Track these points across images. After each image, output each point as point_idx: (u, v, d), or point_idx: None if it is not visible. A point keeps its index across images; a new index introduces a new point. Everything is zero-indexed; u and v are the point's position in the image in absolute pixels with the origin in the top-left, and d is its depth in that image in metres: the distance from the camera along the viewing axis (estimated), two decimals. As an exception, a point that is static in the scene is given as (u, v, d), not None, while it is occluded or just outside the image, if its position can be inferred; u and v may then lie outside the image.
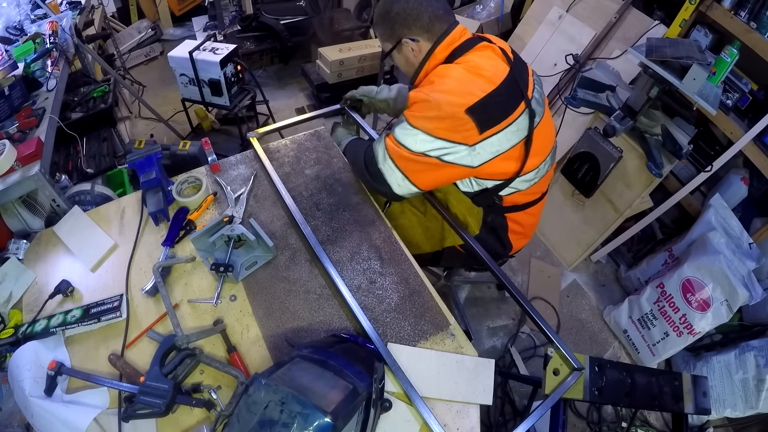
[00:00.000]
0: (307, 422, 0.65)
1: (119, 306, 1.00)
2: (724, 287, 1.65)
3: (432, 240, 1.35)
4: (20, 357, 0.92)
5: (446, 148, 1.01)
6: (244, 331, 1.01)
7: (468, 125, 0.99)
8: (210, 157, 1.34)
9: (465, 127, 0.99)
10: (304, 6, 3.12)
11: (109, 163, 1.90)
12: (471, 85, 1.01)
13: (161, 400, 0.82)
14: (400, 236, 1.22)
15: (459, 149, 1.01)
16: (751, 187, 1.91)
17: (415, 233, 1.34)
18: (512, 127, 1.04)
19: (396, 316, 1.04)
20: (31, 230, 1.29)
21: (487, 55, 1.08)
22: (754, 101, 1.77)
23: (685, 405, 1.01)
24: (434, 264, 1.49)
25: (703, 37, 1.85)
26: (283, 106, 3.11)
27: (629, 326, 1.97)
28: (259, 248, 1.13)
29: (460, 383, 0.93)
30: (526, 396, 1.68)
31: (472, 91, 1.00)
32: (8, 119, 1.45)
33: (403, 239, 1.21)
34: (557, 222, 2.30)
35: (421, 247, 1.36)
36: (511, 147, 1.07)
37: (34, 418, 0.85)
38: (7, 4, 2.07)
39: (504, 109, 1.03)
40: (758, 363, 1.60)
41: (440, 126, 1.00)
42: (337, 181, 1.33)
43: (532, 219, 1.31)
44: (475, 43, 1.11)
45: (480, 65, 1.04)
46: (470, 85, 1.01)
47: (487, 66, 1.04)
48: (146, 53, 3.53)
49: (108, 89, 2.11)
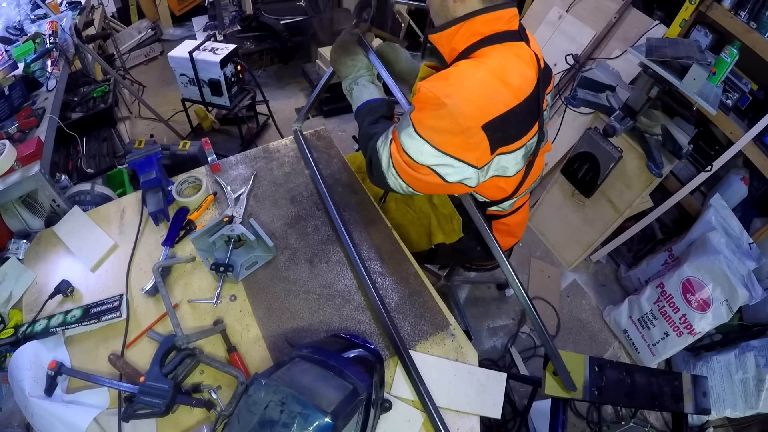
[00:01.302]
0: (307, 422, 0.65)
1: (119, 306, 1.00)
2: (724, 287, 1.65)
3: (425, 237, 1.34)
4: (20, 357, 0.92)
5: (453, 167, 0.88)
6: (244, 331, 1.01)
7: (482, 144, 0.86)
8: (210, 157, 1.34)
9: (479, 146, 0.86)
10: (304, 6, 3.12)
11: (109, 163, 1.90)
12: (494, 97, 0.85)
13: (161, 400, 0.82)
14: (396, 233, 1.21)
15: (466, 170, 0.88)
16: (751, 187, 1.91)
17: (410, 231, 1.34)
18: (522, 150, 0.95)
19: (396, 316, 1.04)
20: (31, 230, 1.29)
21: (521, 56, 0.92)
22: (754, 101, 1.77)
23: (685, 405, 1.01)
24: (430, 262, 1.49)
25: (703, 37, 1.85)
26: (283, 106, 3.12)
27: (629, 326, 1.97)
28: (259, 248, 1.13)
29: (471, 394, 0.93)
30: (526, 396, 1.68)
31: (494, 104, 0.85)
32: (8, 119, 1.45)
33: (399, 236, 1.21)
34: (557, 222, 2.30)
35: (414, 245, 1.34)
36: (515, 174, 0.99)
37: (34, 418, 0.85)
38: (7, 4, 2.07)
39: (519, 129, 0.91)
40: (758, 363, 1.60)
41: (451, 142, 0.86)
42: (337, 181, 1.33)
43: (518, 218, 1.28)
44: (514, 37, 0.93)
45: (508, 70, 0.88)
46: (493, 96, 0.85)
47: (515, 73, 0.88)
48: (146, 53, 3.53)
49: (108, 89, 2.11)
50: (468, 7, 0.91)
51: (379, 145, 0.96)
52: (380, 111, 1.05)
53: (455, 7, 0.92)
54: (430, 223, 1.30)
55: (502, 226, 1.25)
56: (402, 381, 0.94)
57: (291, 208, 1.25)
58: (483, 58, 0.89)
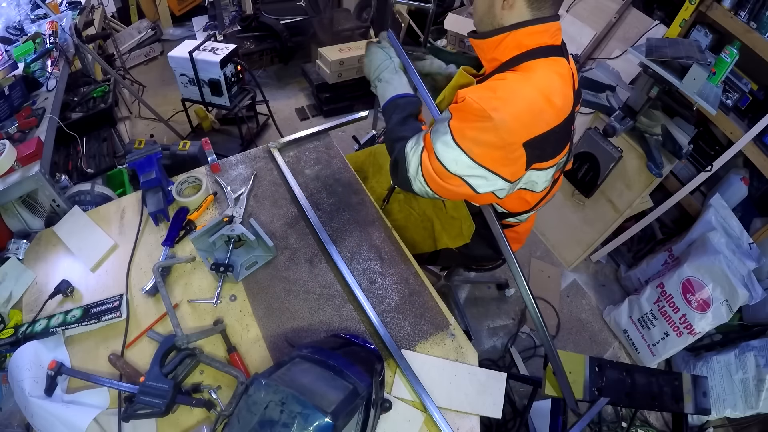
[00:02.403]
0: (307, 422, 0.65)
1: (119, 306, 1.00)
2: (724, 287, 1.65)
3: (428, 240, 1.34)
4: (20, 357, 0.92)
5: (486, 179, 0.86)
6: (244, 331, 1.01)
7: (520, 160, 0.85)
8: (210, 157, 1.34)
9: (516, 162, 0.85)
10: (304, 6, 3.12)
11: (109, 163, 1.90)
12: (539, 116, 0.84)
13: (161, 400, 0.82)
14: (398, 235, 1.21)
15: (498, 183, 0.87)
16: (751, 187, 1.91)
17: (413, 233, 1.34)
18: (553, 168, 0.95)
19: (396, 316, 1.04)
20: (31, 230, 1.29)
21: (563, 75, 0.90)
22: (754, 101, 1.77)
23: (685, 405, 1.01)
24: (432, 263, 1.49)
25: (703, 37, 1.85)
26: (283, 106, 3.11)
27: (629, 326, 1.97)
28: (259, 248, 1.13)
29: (471, 394, 0.93)
30: (526, 396, 1.67)
31: (538, 123, 0.84)
32: (8, 119, 1.45)
33: (401, 238, 1.21)
34: (557, 222, 2.30)
35: (417, 247, 1.34)
36: (542, 189, 0.99)
37: (34, 418, 0.85)
38: (7, 4, 2.07)
39: (555, 148, 0.91)
40: (758, 363, 1.60)
41: (490, 155, 0.84)
42: (337, 181, 1.33)
43: (527, 225, 1.29)
44: (557, 52, 0.92)
45: (553, 89, 0.86)
46: (539, 115, 0.84)
47: (559, 93, 0.87)
48: (146, 53, 3.53)
49: (108, 89, 2.11)
50: (516, 16, 0.89)
51: (409, 151, 0.92)
52: (408, 109, 1.01)
53: (503, 15, 0.90)
54: (434, 227, 1.30)
55: (512, 234, 1.27)
56: (402, 381, 0.94)
57: (291, 208, 1.25)
58: (529, 74, 0.87)
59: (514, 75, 0.88)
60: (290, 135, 1.45)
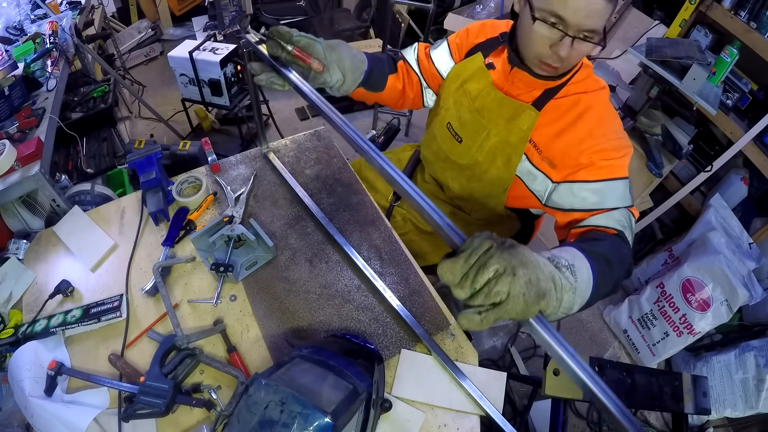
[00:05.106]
0: (307, 422, 0.65)
1: (119, 306, 1.00)
2: (724, 287, 1.65)
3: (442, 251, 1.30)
4: (20, 357, 0.92)
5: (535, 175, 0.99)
6: (244, 331, 1.01)
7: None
8: (210, 157, 1.34)
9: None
10: (304, 6, 3.12)
11: (109, 163, 1.90)
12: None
13: (161, 400, 0.82)
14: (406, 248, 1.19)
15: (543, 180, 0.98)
16: (751, 187, 1.91)
17: (421, 246, 1.31)
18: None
19: (396, 316, 1.04)
20: (31, 230, 1.29)
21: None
22: (754, 101, 1.77)
23: (685, 405, 1.01)
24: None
25: (703, 37, 1.85)
26: (283, 106, 3.12)
27: (629, 326, 1.97)
28: (259, 248, 1.13)
29: (471, 394, 0.93)
30: (526, 396, 1.68)
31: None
32: (8, 119, 1.45)
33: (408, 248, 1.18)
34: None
35: (427, 259, 1.30)
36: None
37: (34, 418, 0.85)
38: (7, 4, 2.07)
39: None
40: (758, 363, 1.60)
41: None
42: (337, 181, 1.33)
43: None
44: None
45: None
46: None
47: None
48: (146, 53, 3.53)
49: (108, 89, 2.11)
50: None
51: (625, 230, 0.86)
52: (602, 277, 0.73)
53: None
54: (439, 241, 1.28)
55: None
56: (402, 381, 0.94)
57: (291, 208, 1.25)
58: (590, 94, 0.97)
59: (590, 100, 0.96)
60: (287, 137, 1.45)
